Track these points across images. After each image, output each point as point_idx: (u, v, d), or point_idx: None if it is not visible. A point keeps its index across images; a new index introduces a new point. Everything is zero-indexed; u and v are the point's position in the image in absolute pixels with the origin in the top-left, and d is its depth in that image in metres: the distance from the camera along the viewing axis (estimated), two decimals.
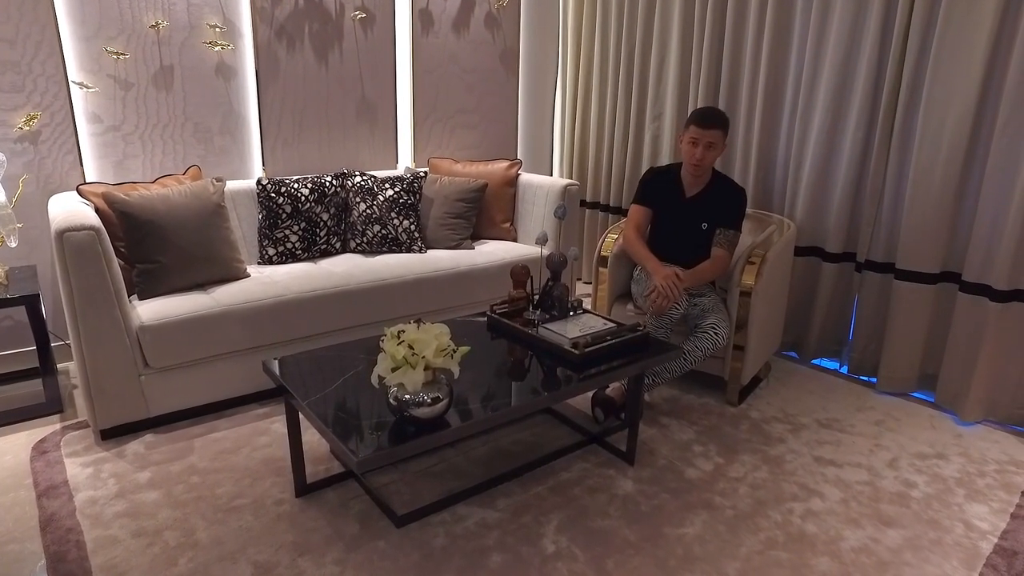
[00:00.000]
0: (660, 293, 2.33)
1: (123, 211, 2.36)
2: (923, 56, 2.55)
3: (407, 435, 1.57)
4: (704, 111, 2.50)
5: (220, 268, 2.57)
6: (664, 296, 2.32)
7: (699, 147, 2.47)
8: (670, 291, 2.32)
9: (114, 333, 2.17)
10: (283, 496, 2.01)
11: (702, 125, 2.46)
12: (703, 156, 2.48)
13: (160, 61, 2.81)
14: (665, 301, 2.32)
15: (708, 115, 2.47)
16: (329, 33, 3.23)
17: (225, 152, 3.07)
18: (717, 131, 2.46)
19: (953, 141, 2.49)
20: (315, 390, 1.80)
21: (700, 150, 2.47)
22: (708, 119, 2.46)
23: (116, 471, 2.11)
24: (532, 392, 1.85)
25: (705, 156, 2.48)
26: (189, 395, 2.39)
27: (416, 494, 2.03)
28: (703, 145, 2.47)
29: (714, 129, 2.46)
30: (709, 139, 2.46)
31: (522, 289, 2.37)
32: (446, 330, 1.60)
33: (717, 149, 2.49)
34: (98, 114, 2.72)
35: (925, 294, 2.66)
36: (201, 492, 2.01)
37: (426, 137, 3.71)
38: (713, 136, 2.46)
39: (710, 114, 2.48)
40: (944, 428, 2.54)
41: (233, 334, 2.41)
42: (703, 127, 2.46)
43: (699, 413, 2.60)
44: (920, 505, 2.05)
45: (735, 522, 1.95)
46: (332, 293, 2.62)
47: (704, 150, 2.47)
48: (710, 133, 2.46)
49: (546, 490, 2.07)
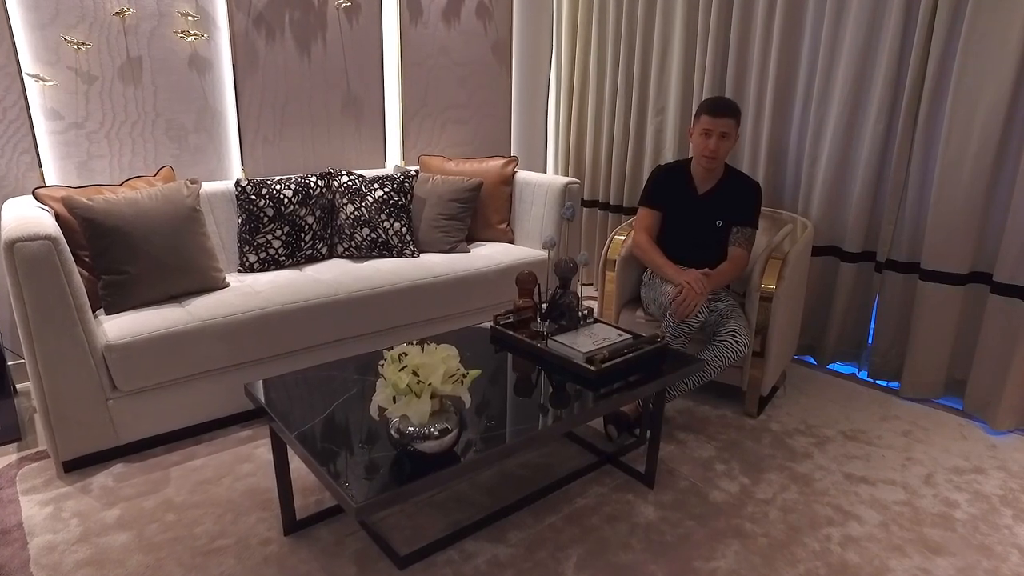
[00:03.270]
0: (689, 291, 2.19)
1: (85, 217, 2.13)
2: (951, 41, 2.39)
3: (413, 473, 1.38)
4: (715, 100, 2.37)
5: (196, 278, 2.35)
6: (693, 294, 2.18)
7: (712, 138, 2.35)
8: (697, 285, 2.19)
9: (76, 354, 1.95)
10: (270, 534, 1.80)
11: (714, 114, 2.33)
12: (717, 147, 2.35)
13: (127, 52, 2.57)
14: (695, 298, 2.18)
15: (719, 103, 2.35)
16: (311, 23, 3.01)
17: (201, 151, 2.84)
18: (730, 120, 2.33)
19: (985, 132, 2.33)
20: (304, 418, 1.60)
21: (714, 141, 2.35)
22: (720, 107, 2.33)
23: (80, 509, 1.88)
24: (548, 416, 1.66)
25: (719, 147, 2.35)
26: (163, 419, 2.17)
27: (418, 529, 1.83)
28: (716, 135, 2.34)
29: (726, 117, 2.33)
30: (723, 128, 2.33)
31: (529, 298, 2.17)
32: (454, 352, 1.41)
33: (731, 139, 2.36)
34: (58, 110, 2.47)
35: (952, 295, 2.51)
36: (177, 532, 1.80)
37: (416, 133, 3.50)
38: (726, 125, 2.33)
39: (721, 103, 2.35)
40: (976, 438, 2.38)
41: (211, 351, 2.19)
42: (715, 116, 2.33)
43: (717, 426, 2.42)
44: (967, 528, 1.89)
45: (770, 552, 1.77)
46: (319, 303, 2.41)
47: (718, 140, 2.34)
48: (723, 122, 2.33)
49: (561, 520, 1.88)
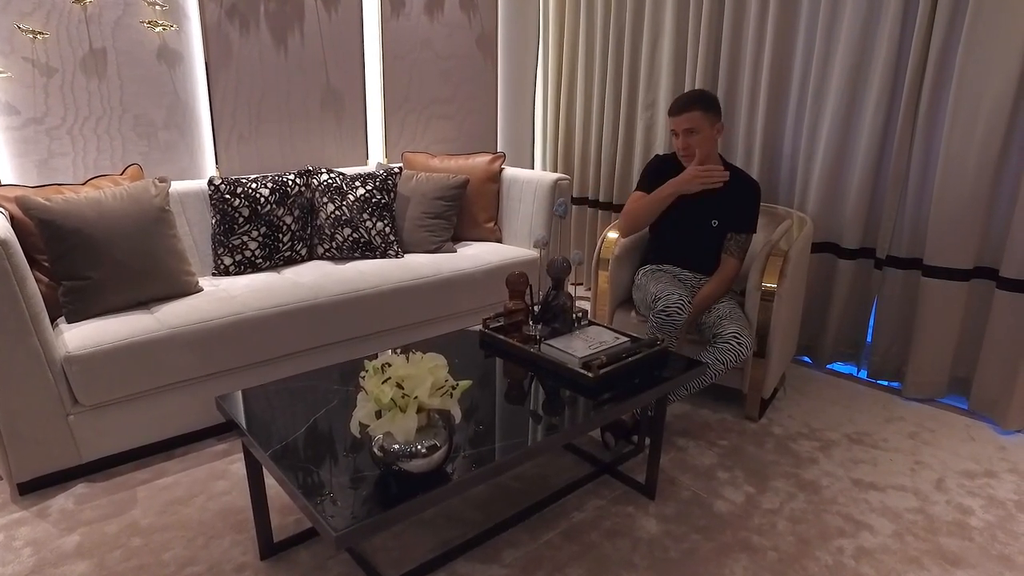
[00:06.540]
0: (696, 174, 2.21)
1: (43, 219, 1.98)
2: (954, 27, 2.30)
3: (399, 495, 1.25)
4: (677, 98, 2.30)
5: (165, 282, 2.21)
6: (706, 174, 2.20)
7: (680, 136, 2.29)
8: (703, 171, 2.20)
9: (31, 366, 1.80)
10: (245, 559, 1.66)
11: (674, 112, 2.29)
12: (686, 144, 2.28)
13: (89, 43, 2.42)
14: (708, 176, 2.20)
15: (679, 99, 2.28)
16: (288, 13, 2.87)
17: (172, 148, 2.69)
18: (693, 112, 2.24)
19: (990, 123, 2.25)
20: (280, 435, 1.47)
21: (682, 139, 2.29)
22: (679, 103, 2.27)
23: (35, 537, 1.73)
24: (544, 427, 1.54)
25: (688, 144, 2.28)
26: (131, 435, 2.02)
27: (406, 549, 1.70)
28: (683, 133, 2.28)
29: (688, 112, 2.24)
30: (686, 124, 2.26)
31: (520, 300, 2.06)
32: (442, 362, 1.29)
33: (702, 132, 2.26)
34: (13, 104, 2.31)
35: (957, 292, 2.42)
36: (143, 559, 1.66)
37: (399, 129, 3.36)
38: (689, 120, 2.25)
39: (682, 98, 2.28)
40: (985, 439, 2.30)
41: (182, 360, 2.05)
42: (675, 114, 2.29)
43: (717, 431, 2.32)
44: (984, 537, 1.80)
45: (780, 567, 1.67)
46: (298, 308, 2.28)
47: (685, 138, 2.28)
48: (683, 119, 2.26)
49: (558, 536, 1.77)
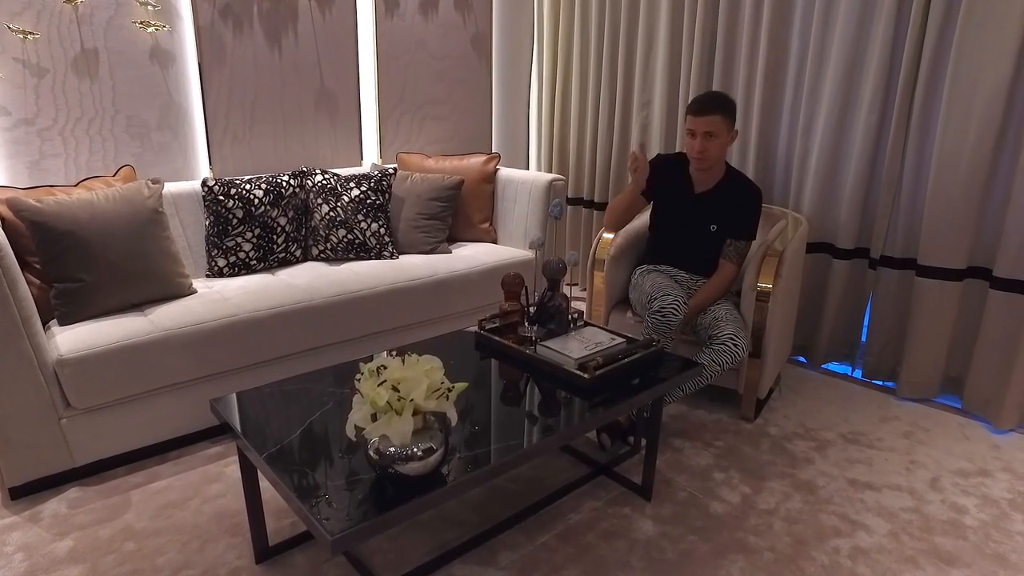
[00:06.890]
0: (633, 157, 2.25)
1: (34, 220, 1.97)
2: (947, 26, 2.31)
3: (395, 498, 1.25)
4: (700, 96, 2.25)
5: (159, 284, 2.20)
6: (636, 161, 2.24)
7: (698, 138, 2.22)
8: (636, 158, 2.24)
9: (23, 370, 1.79)
10: (240, 563, 1.65)
11: (697, 112, 2.22)
12: (703, 147, 2.23)
13: (81, 43, 2.40)
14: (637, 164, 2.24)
15: (703, 100, 2.22)
16: (282, 13, 2.86)
17: (165, 150, 2.68)
18: (715, 116, 2.19)
19: (983, 123, 2.26)
20: (274, 438, 1.46)
21: (699, 141, 2.23)
22: (703, 104, 2.21)
23: (27, 542, 1.72)
24: (540, 428, 1.54)
25: (706, 147, 2.22)
26: (124, 438, 2.01)
27: (401, 552, 1.70)
28: (701, 135, 2.22)
29: (711, 115, 2.19)
30: (706, 127, 2.20)
31: (516, 301, 2.05)
32: (438, 364, 1.28)
33: (720, 138, 2.22)
34: (4, 105, 2.29)
35: (950, 292, 2.43)
36: (137, 564, 1.65)
37: (394, 130, 3.36)
38: (711, 124, 2.20)
39: (706, 99, 2.22)
40: (978, 438, 2.31)
41: (176, 363, 2.04)
42: (698, 114, 2.21)
43: (713, 432, 2.32)
44: (979, 536, 1.80)
45: (777, 568, 1.67)
46: (293, 310, 2.27)
47: (703, 140, 2.22)
48: (706, 120, 2.20)
49: (555, 538, 1.76)
